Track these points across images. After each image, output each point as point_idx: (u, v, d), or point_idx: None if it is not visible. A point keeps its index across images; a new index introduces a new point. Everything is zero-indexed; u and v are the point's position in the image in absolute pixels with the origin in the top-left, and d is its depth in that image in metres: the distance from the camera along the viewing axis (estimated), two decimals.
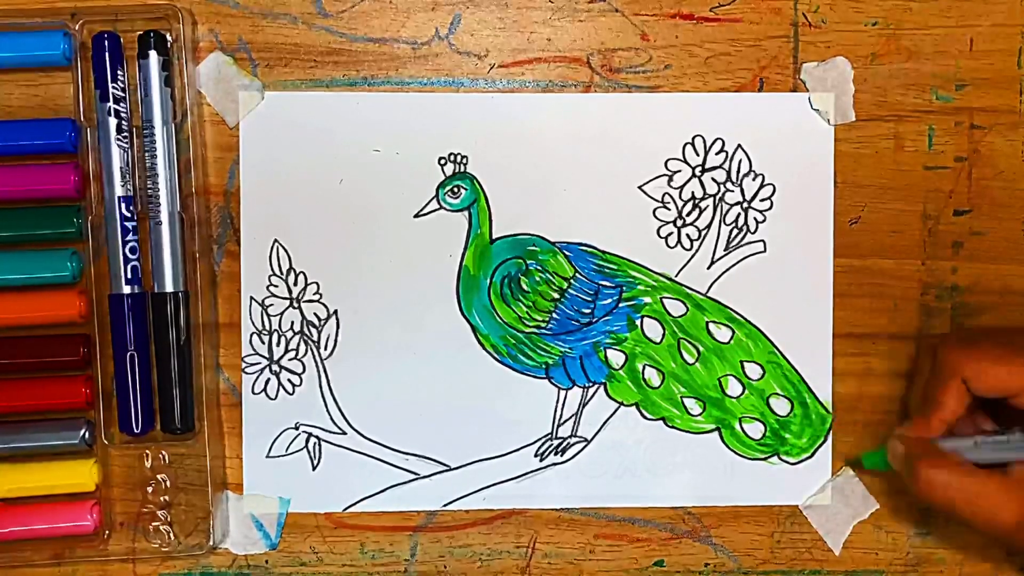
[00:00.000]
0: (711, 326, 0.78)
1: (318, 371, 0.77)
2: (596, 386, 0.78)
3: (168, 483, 0.76)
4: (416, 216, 0.77)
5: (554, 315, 0.78)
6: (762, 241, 0.78)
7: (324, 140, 0.76)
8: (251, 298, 0.77)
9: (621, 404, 0.78)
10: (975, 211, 0.79)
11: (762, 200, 0.78)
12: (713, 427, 0.79)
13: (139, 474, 0.76)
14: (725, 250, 0.78)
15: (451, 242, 0.77)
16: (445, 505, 0.78)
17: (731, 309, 0.78)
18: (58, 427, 0.74)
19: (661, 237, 0.78)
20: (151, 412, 0.74)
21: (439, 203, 0.77)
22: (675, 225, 0.78)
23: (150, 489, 0.76)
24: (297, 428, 0.77)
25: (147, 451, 0.75)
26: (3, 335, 0.74)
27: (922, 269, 0.79)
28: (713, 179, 0.78)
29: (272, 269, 0.77)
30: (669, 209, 0.78)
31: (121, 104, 0.72)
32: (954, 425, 0.71)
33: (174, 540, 0.76)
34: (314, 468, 0.77)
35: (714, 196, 0.78)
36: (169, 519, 0.76)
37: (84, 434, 0.74)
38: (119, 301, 0.73)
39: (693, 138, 0.78)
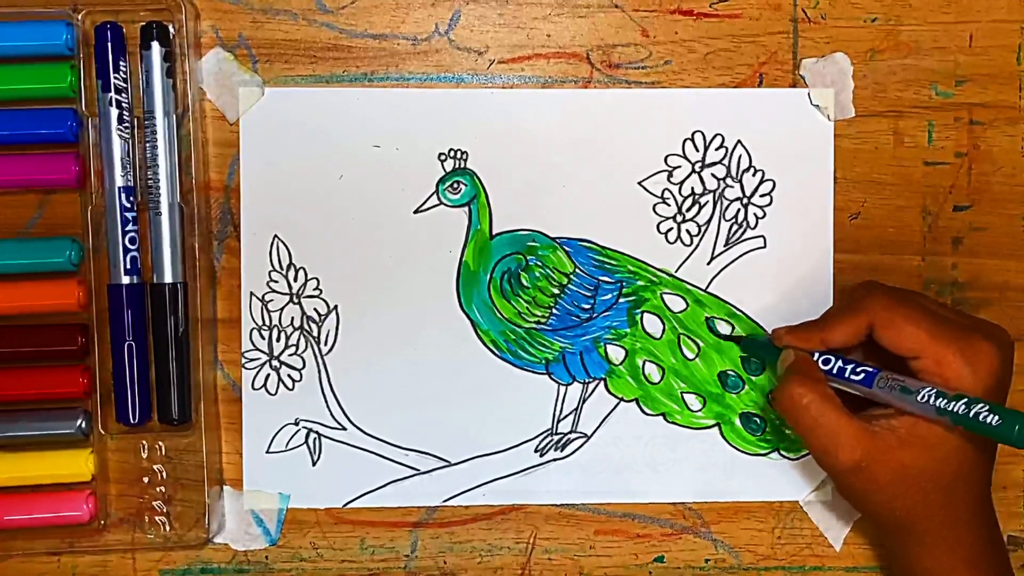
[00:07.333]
0: (711, 321, 0.78)
1: (318, 367, 0.77)
2: (596, 382, 0.78)
3: (164, 474, 0.76)
4: (416, 212, 0.77)
5: (554, 311, 0.78)
6: (762, 237, 0.78)
7: (324, 136, 0.77)
8: (251, 294, 0.77)
9: (621, 400, 0.78)
10: (975, 207, 0.79)
11: (762, 196, 0.78)
12: (713, 423, 0.78)
13: (136, 465, 0.76)
14: (725, 246, 0.78)
15: (451, 238, 0.77)
16: (445, 501, 0.78)
17: (731, 305, 0.78)
18: (55, 416, 0.74)
19: (661, 233, 0.78)
20: (148, 403, 0.74)
21: (439, 199, 0.77)
22: (675, 221, 0.78)
23: (147, 480, 0.76)
24: (297, 424, 0.77)
25: (143, 441, 0.75)
26: (2, 323, 0.74)
27: (922, 265, 0.79)
28: (713, 175, 0.78)
29: (272, 265, 0.77)
30: (669, 205, 0.78)
31: (123, 95, 0.73)
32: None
33: (172, 533, 0.76)
34: (314, 464, 0.77)
35: (714, 192, 0.78)
36: (167, 511, 0.76)
37: (81, 423, 0.74)
38: (118, 291, 0.73)
39: (693, 134, 0.78)
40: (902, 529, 0.70)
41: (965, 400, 0.65)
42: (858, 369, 0.70)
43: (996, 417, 0.64)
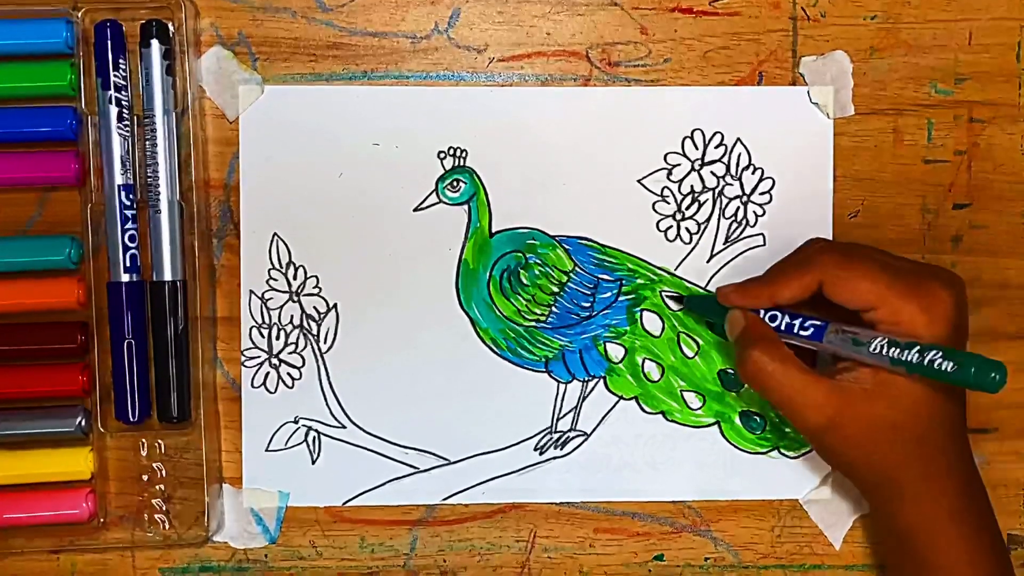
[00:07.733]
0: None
1: (317, 365, 0.77)
2: (595, 380, 0.78)
3: (164, 473, 0.76)
4: (416, 210, 0.77)
5: (553, 309, 0.78)
6: (761, 235, 0.78)
7: (324, 134, 0.77)
8: (251, 292, 0.77)
9: (620, 398, 0.78)
10: (974, 205, 0.79)
11: (761, 194, 0.78)
12: (713, 421, 0.78)
13: (135, 463, 0.76)
14: (724, 243, 0.78)
15: (450, 236, 0.77)
16: (445, 499, 0.78)
17: None
18: (54, 414, 0.74)
19: (660, 231, 0.78)
20: (147, 401, 0.74)
21: (438, 197, 0.77)
22: (674, 219, 0.78)
23: (146, 478, 0.76)
24: (296, 422, 0.77)
25: (143, 439, 0.75)
26: (1, 321, 0.74)
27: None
28: (712, 173, 0.78)
29: (272, 263, 0.77)
30: (668, 203, 0.78)
31: (122, 92, 0.73)
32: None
33: (171, 531, 0.76)
34: (313, 462, 0.77)
35: (713, 190, 0.78)
36: (166, 509, 0.76)
37: (80, 422, 0.74)
38: (117, 289, 0.73)
39: (692, 132, 0.78)
40: (881, 484, 0.70)
41: (918, 348, 0.64)
42: (806, 324, 0.70)
43: (951, 363, 0.63)
